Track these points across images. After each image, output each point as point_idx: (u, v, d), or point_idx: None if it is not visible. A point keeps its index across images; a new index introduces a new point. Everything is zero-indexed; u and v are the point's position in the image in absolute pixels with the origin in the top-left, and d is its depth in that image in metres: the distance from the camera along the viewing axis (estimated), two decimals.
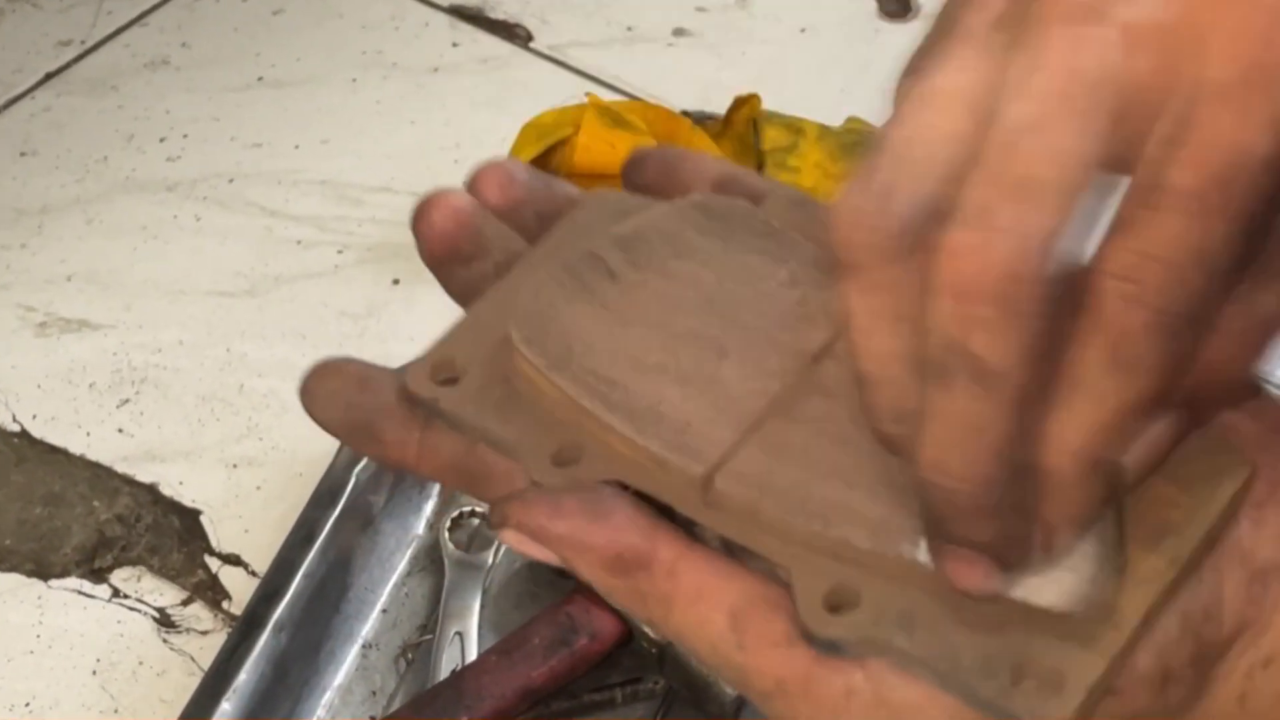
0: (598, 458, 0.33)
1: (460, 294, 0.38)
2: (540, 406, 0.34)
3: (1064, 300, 0.27)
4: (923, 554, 0.30)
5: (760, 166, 0.82)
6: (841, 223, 0.28)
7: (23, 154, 0.92)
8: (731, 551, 0.32)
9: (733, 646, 0.31)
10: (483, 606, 0.68)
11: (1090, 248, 0.27)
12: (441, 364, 0.35)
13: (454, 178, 0.90)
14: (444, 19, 1.01)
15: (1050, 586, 0.30)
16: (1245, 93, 0.26)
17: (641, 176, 0.40)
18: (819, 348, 0.33)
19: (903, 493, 0.30)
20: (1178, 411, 0.30)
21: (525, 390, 0.34)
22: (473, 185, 0.38)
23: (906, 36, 1.05)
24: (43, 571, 0.72)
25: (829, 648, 0.30)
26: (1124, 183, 0.27)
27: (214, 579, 0.71)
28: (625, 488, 0.32)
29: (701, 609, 0.31)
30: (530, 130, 0.84)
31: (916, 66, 0.30)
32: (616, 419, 0.33)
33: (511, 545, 0.32)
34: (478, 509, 0.71)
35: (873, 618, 0.30)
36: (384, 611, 0.69)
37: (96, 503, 0.74)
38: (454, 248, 0.37)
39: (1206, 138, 0.26)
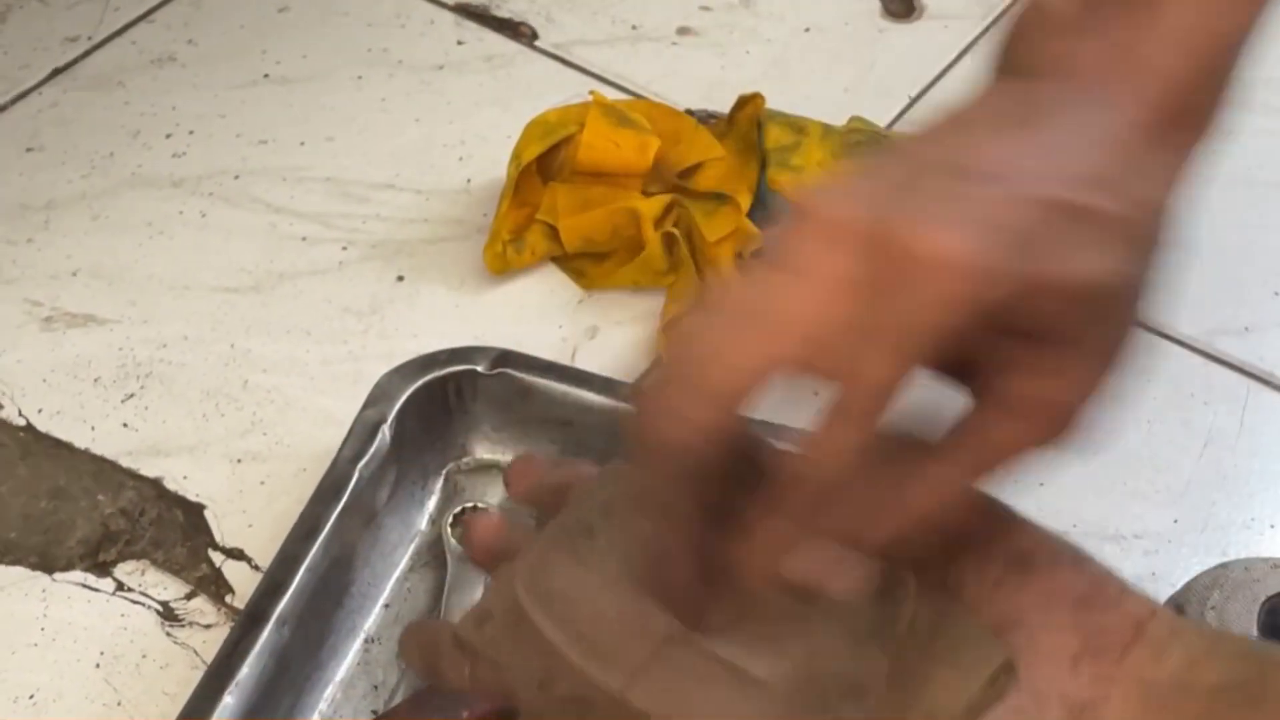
0: (564, 681, 0.44)
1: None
2: (533, 640, 0.45)
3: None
4: None
5: (763, 165, 0.83)
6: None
7: (29, 149, 0.92)
8: None
9: None
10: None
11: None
12: (481, 613, 0.47)
13: (458, 175, 0.91)
14: (449, 17, 1.01)
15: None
16: (867, 335, 0.36)
17: (517, 488, 0.56)
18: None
19: (765, 693, 0.41)
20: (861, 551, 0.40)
21: (526, 628, 0.45)
22: (507, 484, 0.55)
23: (910, 36, 1.06)
24: (47, 565, 0.72)
25: None
26: None
27: (217, 573, 0.71)
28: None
29: None
30: (535, 128, 0.84)
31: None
32: (571, 651, 0.44)
33: None
34: (479, 505, 0.72)
35: None
36: (386, 606, 0.69)
37: (101, 497, 0.74)
38: (494, 552, 0.49)
39: (841, 366, 0.36)
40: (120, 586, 0.71)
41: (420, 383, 0.71)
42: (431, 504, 0.73)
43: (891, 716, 0.39)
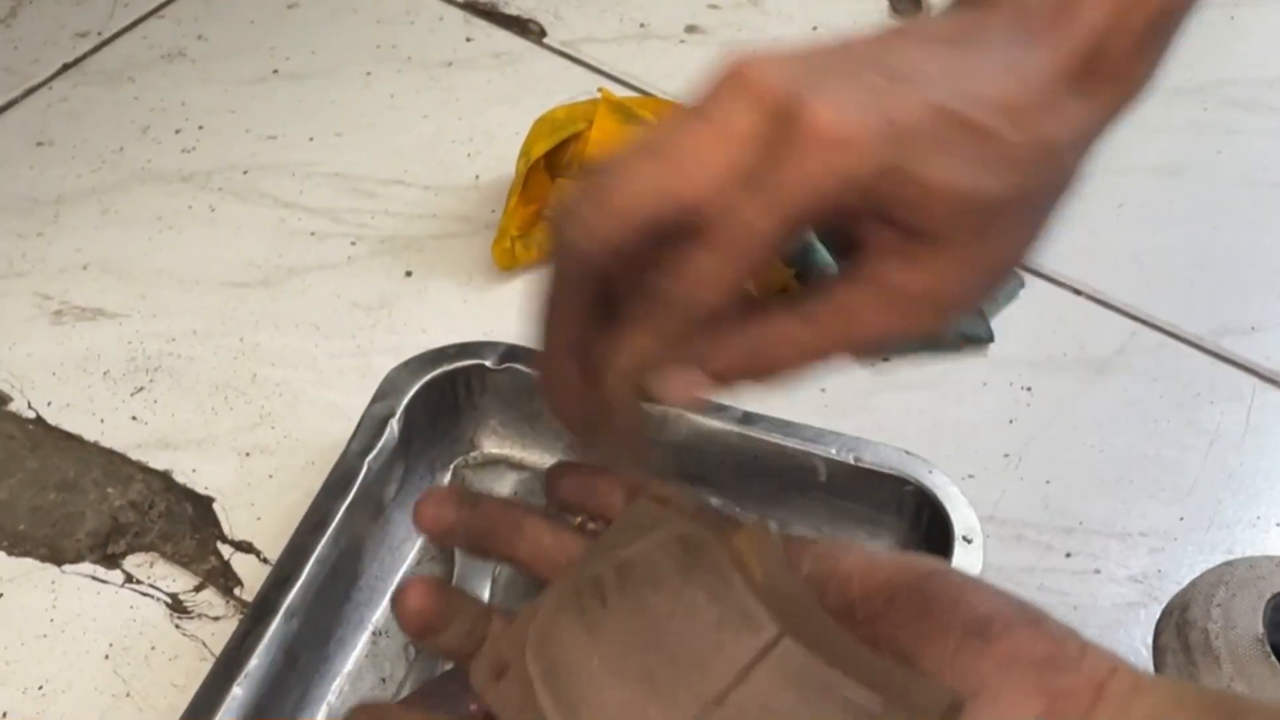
0: None
1: (447, 654, 0.48)
2: (535, 705, 0.44)
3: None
4: None
5: None
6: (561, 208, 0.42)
7: (40, 144, 0.92)
8: None
9: None
10: (491, 596, 0.68)
11: None
12: (496, 664, 0.46)
13: (466, 172, 0.92)
14: (458, 14, 1.01)
15: None
16: (759, 189, 0.38)
17: (558, 493, 0.52)
18: (715, 695, 0.42)
19: None
20: (711, 378, 0.43)
21: (530, 697, 0.44)
22: (415, 518, 0.50)
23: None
24: (56, 557, 0.72)
25: None
26: None
27: (226, 566, 0.72)
28: None
29: None
30: (543, 125, 0.84)
31: None
32: None
33: None
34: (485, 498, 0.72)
35: None
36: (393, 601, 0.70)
37: (110, 489, 0.75)
38: (429, 625, 0.48)
39: (736, 212, 0.39)
40: (129, 578, 0.71)
41: (429, 377, 0.71)
42: None
43: None
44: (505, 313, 0.83)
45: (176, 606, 0.70)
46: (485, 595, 0.68)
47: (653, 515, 0.48)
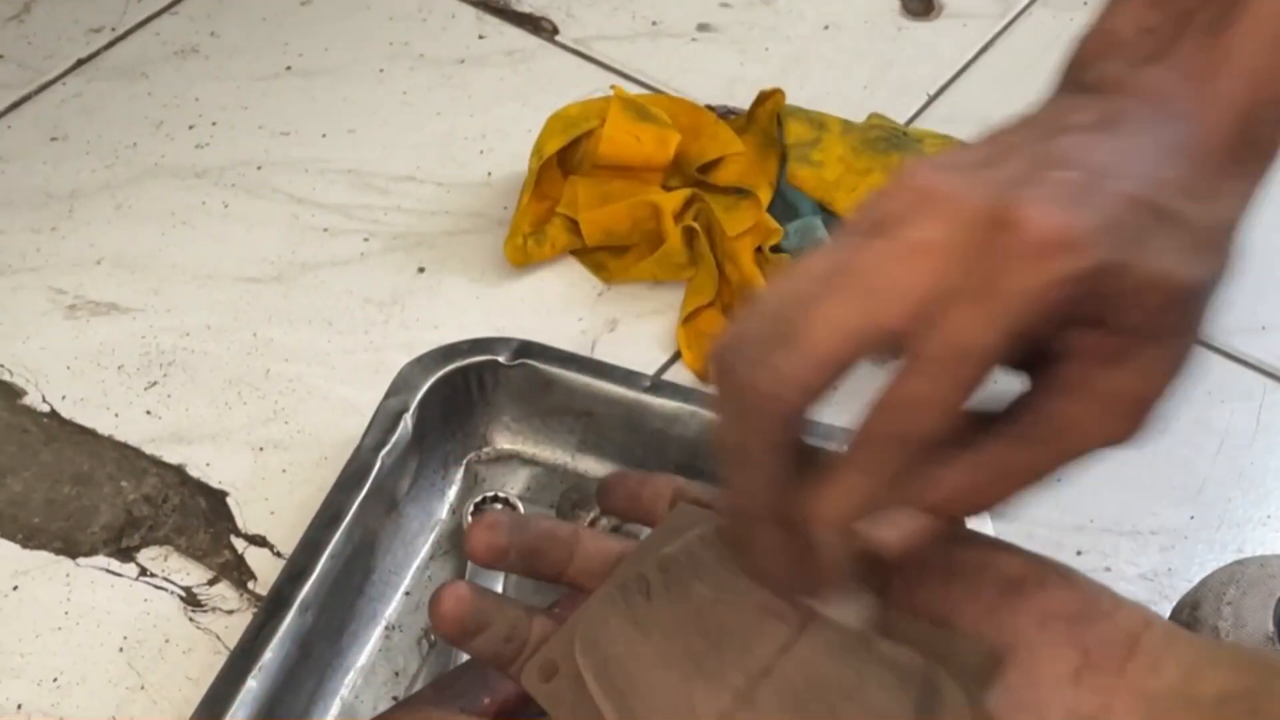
0: None
1: (482, 657, 0.48)
2: (587, 701, 0.45)
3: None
4: None
5: (783, 160, 0.83)
6: (712, 349, 0.39)
7: (53, 139, 0.93)
8: None
9: None
10: (504, 590, 0.69)
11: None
12: (546, 666, 0.47)
13: (479, 169, 0.92)
14: (471, 11, 1.02)
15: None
16: (977, 299, 0.36)
17: (611, 502, 0.53)
18: (761, 668, 0.43)
19: None
20: (928, 516, 0.42)
21: (583, 691, 0.45)
22: (466, 544, 0.49)
23: (929, 34, 1.07)
24: (71, 550, 0.73)
25: None
26: None
27: (240, 559, 0.72)
28: None
29: None
30: (556, 122, 0.85)
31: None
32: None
33: None
34: (500, 494, 0.72)
35: None
36: (407, 594, 0.70)
37: (124, 483, 0.75)
38: (466, 628, 0.47)
39: (948, 325, 0.36)
40: (143, 572, 0.72)
41: (442, 373, 0.71)
42: (452, 493, 0.73)
43: None
44: (517, 309, 0.83)
45: (190, 600, 0.71)
46: (498, 589, 0.69)
47: (692, 517, 0.49)
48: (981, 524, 0.65)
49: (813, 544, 0.41)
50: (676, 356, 0.81)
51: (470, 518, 0.70)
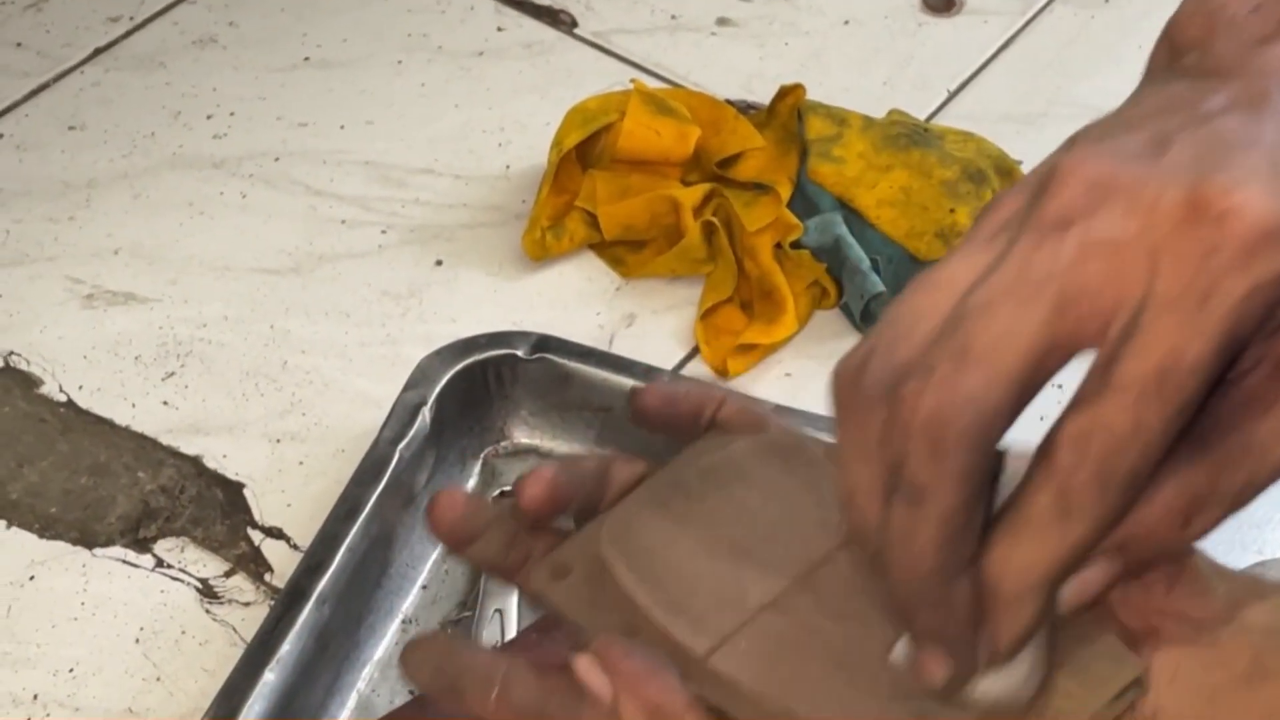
0: (646, 638, 0.41)
1: (482, 565, 0.46)
2: (614, 596, 0.42)
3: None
4: None
5: (804, 156, 0.83)
6: (835, 376, 0.35)
7: (71, 128, 0.92)
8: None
9: None
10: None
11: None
12: (557, 566, 0.44)
13: (497, 161, 0.92)
14: (489, 4, 1.01)
15: (994, 685, 0.37)
16: (1186, 306, 0.32)
17: (644, 409, 0.47)
18: (821, 556, 0.41)
19: (860, 674, 0.38)
20: (1110, 557, 0.36)
21: (610, 587, 0.42)
22: (521, 498, 0.44)
23: (949, 30, 1.06)
24: (87, 540, 0.72)
25: None
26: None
27: (256, 551, 0.72)
28: None
29: None
30: (575, 115, 0.84)
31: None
32: (656, 610, 0.41)
33: (578, 673, 0.40)
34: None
35: None
36: (424, 588, 0.70)
37: (141, 474, 0.75)
38: (461, 534, 0.45)
39: (1152, 339, 0.32)
40: (160, 563, 0.72)
41: (460, 366, 0.71)
42: (470, 487, 0.73)
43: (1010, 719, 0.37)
44: (535, 303, 0.83)
45: (207, 591, 0.70)
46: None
47: (726, 441, 0.46)
48: None
49: (996, 604, 0.35)
50: (695, 352, 0.81)
51: None
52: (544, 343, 0.73)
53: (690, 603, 0.41)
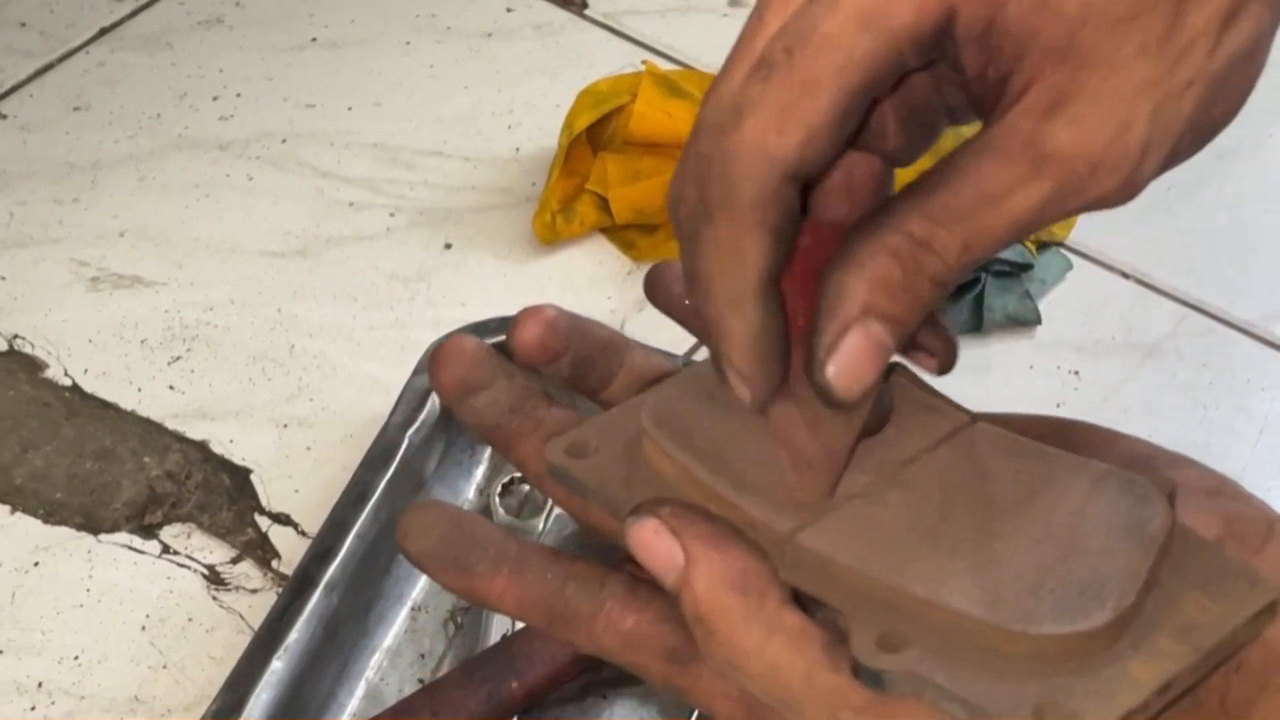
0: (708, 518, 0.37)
1: (482, 426, 0.41)
2: (657, 482, 0.38)
3: None
4: (973, 607, 0.33)
5: None
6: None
7: (76, 109, 0.92)
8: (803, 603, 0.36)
9: (801, 676, 0.34)
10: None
11: None
12: (576, 445, 0.39)
13: (507, 143, 0.91)
14: None
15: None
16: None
17: (663, 292, 0.44)
18: (905, 457, 0.38)
19: (957, 556, 0.34)
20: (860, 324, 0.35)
21: (645, 470, 0.38)
22: (513, 331, 0.41)
23: None
24: (93, 526, 0.72)
25: (874, 680, 0.33)
26: None
27: (264, 538, 0.71)
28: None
29: (779, 642, 0.34)
30: (586, 97, 0.83)
31: None
32: (722, 486, 0.36)
33: (634, 544, 0.35)
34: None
35: (917, 657, 0.33)
36: None
37: (147, 459, 0.74)
38: (469, 384, 0.40)
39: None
40: (166, 549, 0.71)
41: None
42: (479, 473, 0.72)
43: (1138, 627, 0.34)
44: (545, 287, 0.82)
45: (214, 578, 0.70)
46: None
47: None
48: None
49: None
50: None
51: (498, 499, 0.69)
52: None
53: (763, 486, 0.36)
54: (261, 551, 0.71)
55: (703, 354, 0.43)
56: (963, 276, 0.34)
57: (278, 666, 0.60)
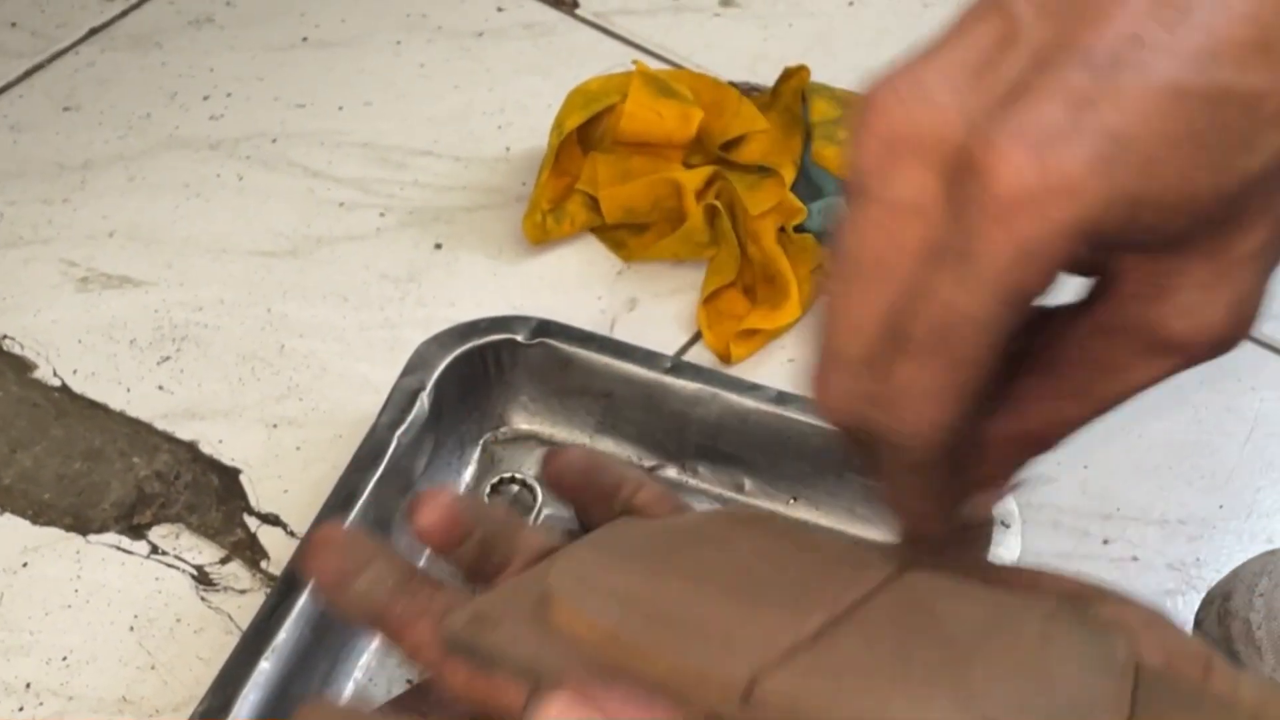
0: (637, 680, 0.34)
1: (358, 615, 0.39)
2: (576, 644, 0.35)
3: None
4: None
5: (808, 138, 0.82)
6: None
7: (66, 109, 0.91)
8: None
9: None
10: None
11: None
12: (478, 616, 0.36)
13: (497, 143, 0.91)
14: None
15: None
16: (951, 262, 0.30)
17: (558, 475, 0.43)
18: (856, 599, 0.36)
19: (936, 690, 0.33)
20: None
21: (562, 634, 0.35)
22: (413, 516, 0.40)
23: (954, 12, 1.04)
24: (81, 526, 0.71)
25: None
26: None
27: (252, 538, 0.71)
28: None
29: None
30: (576, 97, 0.83)
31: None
32: (657, 642, 0.34)
33: (552, 717, 0.33)
34: (517, 476, 0.71)
35: None
36: None
37: (136, 459, 0.74)
38: (343, 570, 0.39)
39: (936, 302, 0.31)
40: (155, 550, 0.71)
41: (460, 351, 0.70)
42: (469, 474, 0.72)
43: None
44: (536, 287, 0.82)
45: (202, 579, 0.70)
46: None
47: (649, 520, 0.41)
48: (1009, 543, 0.64)
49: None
50: (697, 337, 0.80)
51: (487, 499, 0.69)
52: (544, 327, 0.72)
53: (700, 641, 0.34)
54: (250, 552, 0.70)
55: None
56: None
57: (265, 667, 0.60)
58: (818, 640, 0.34)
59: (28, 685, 0.66)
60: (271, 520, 0.72)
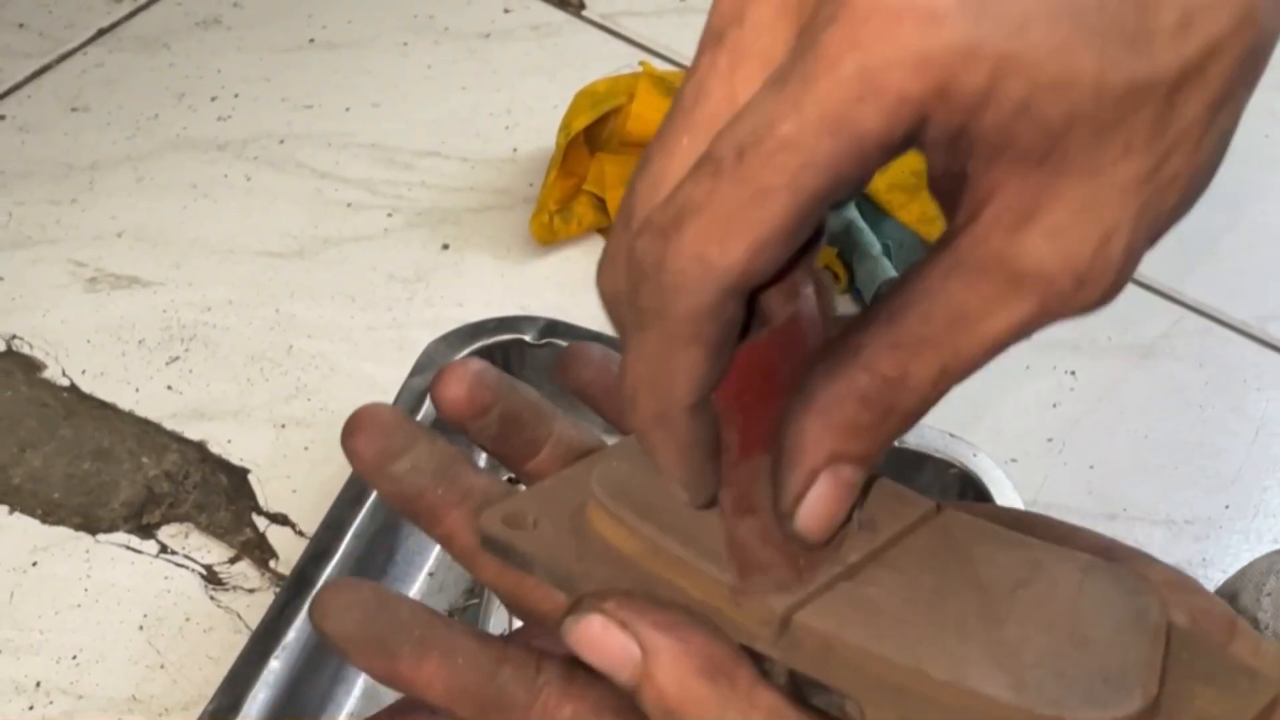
0: (671, 599, 0.33)
1: (401, 498, 0.38)
2: (614, 556, 0.34)
3: None
4: (1000, 692, 0.31)
5: None
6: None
7: (74, 109, 0.92)
8: (796, 692, 0.33)
9: None
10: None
11: None
12: (513, 515, 0.35)
13: (504, 144, 0.91)
14: None
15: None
16: (798, 86, 0.28)
17: (576, 374, 0.41)
18: (888, 539, 0.35)
19: (969, 640, 0.32)
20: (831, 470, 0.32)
21: (598, 543, 0.35)
22: (436, 388, 0.38)
23: None
24: (90, 526, 0.72)
25: None
26: None
27: (261, 538, 0.71)
28: None
29: None
30: (584, 98, 0.84)
31: None
32: (698, 559, 0.33)
33: (579, 644, 0.32)
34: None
35: None
36: (430, 575, 0.69)
37: (145, 459, 0.74)
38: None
39: (754, 120, 0.28)
40: (164, 549, 0.71)
41: (468, 351, 0.70)
42: None
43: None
44: (543, 287, 0.82)
45: (211, 578, 0.70)
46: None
47: None
48: (1013, 502, 0.64)
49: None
50: None
51: None
52: (552, 327, 0.72)
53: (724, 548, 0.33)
54: (259, 551, 0.71)
55: None
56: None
57: (275, 666, 0.60)
58: (854, 575, 0.33)
59: (38, 684, 0.66)
60: (280, 520, 0.72)
